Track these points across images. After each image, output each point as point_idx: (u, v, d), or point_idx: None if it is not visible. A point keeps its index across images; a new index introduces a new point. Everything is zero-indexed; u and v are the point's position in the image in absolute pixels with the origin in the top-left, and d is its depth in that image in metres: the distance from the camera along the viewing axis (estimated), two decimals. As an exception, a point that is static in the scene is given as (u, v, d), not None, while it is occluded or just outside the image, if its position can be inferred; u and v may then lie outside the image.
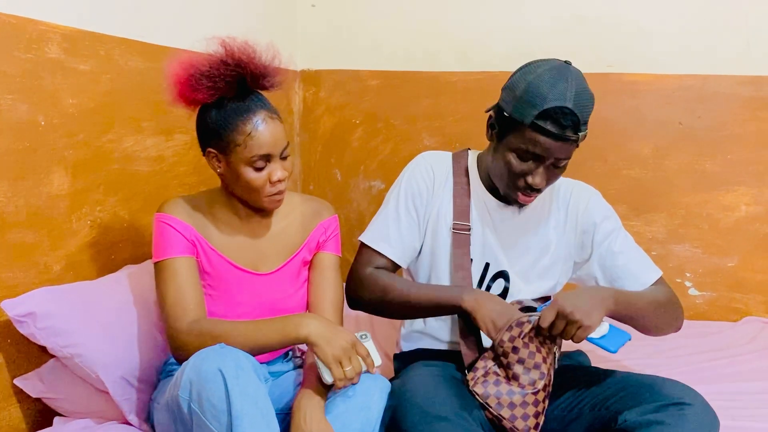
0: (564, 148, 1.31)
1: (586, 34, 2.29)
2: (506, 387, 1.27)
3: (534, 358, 1.28)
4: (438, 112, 2.47)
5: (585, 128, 1.31)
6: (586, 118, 1.31)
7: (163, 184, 1.87)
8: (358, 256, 1.49)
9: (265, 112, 1.28)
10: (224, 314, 1.36)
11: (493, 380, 1.28)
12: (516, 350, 1.27)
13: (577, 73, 1.32)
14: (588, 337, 1.25)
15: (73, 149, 1.56)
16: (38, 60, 1.45)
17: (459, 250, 1.44)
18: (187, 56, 1.29)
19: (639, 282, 1.46)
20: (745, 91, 2.19)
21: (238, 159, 1.27)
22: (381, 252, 1.46)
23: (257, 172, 1.28)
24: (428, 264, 1.50)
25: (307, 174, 2.70)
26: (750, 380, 1.72)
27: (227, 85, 1.26)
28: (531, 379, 1.27)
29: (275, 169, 1.29)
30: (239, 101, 1.27)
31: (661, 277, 1.49)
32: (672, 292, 1.48)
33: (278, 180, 1.30)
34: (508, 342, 1.28)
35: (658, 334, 1.49)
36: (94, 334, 1.36)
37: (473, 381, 1.29)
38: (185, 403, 1.12)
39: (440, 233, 1.47)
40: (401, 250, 1.47)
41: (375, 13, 2.53)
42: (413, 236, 1.48)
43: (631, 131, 2.30)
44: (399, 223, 1.47)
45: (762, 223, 2.22)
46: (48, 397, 1.43)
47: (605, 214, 1.50)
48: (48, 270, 1.50)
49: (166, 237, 1.31)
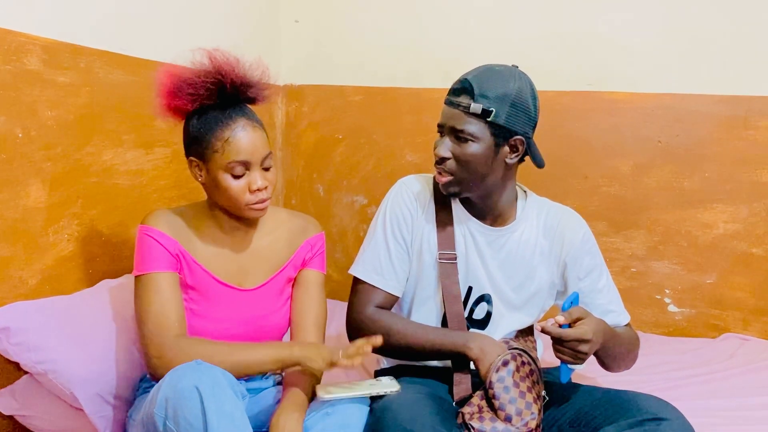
0: (456, 116, 1.35)
1: (566, 52, 2.32)
2: (501, 425, 1.26)
3: (525, 398, 1.28)
4: (420, 128, 2.49)
5: (484, 101, 1.33)
6: (483, 92, 1.33)
7: (143, 198, 1.86)
8: (354, 294, 1.48)
9: (245, 119, 1.28)
10: (206, 330, 1.34)
11: (489, 416, 1.28)
12: (507, 390, 1.27)
13: (505, 67, 1.38)
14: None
15: (51, 162, 1.54)
16: (17, 71, 1.44)
17: (448, 280, 1.44)
18: (173, 67, 1.30)
19: (614, 323, 1.47)
20: (721, 110, 2.23)
21: (216, 165, 1.27)
22: (376, 285, 1.45)
23: (236, 180, 1.28)
24: (411, 290, 1.49)
25: (289, 189, 2.70)
26: (728, 396, 1.72)
27: (207, 92, 1.26)
28: (523, 420, 1.26)
29: (255, 178, 1.28)
30: (220, 110, 1.28)
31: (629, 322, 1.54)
32: (638, 337, 1.53)
33: (257, 189, 1.29)
34: (497, 383, 1.28)
35: (613, 372, 1.52)
36: (69, 350, 1.34)
37: (469, 414, 1.28)
38: (161, 421, 1.10)
39: (425, 261, 1.46)
40: (395, 280, 1.46)
41: (358, 29, 2.55)
42: (404, 264, 1.47)
43: (611, 149, 2.33)
44: (389, 252, 1.46)
45: (740, 240, 2.25)
46: (21, 414, 1.41)
47: (589, 248, 1.50)
48: (23, 284, 1.48)
49: (149, 250, 1.30)
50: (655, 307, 2.33)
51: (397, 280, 1.47)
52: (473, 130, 1.34)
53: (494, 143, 1.36)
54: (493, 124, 1.33)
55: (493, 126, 1.34)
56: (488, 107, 1.32)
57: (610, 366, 1.47)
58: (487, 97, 1.32)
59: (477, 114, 1.33)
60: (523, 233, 1.48)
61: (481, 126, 1.34)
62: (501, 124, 1.33)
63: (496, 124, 1.33)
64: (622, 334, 1.46)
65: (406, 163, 2.51)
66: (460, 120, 1.34)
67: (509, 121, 1.34)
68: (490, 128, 1.34)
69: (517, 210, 1.49)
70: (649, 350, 1.91)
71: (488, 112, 1.32)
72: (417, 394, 1.29)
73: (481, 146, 1.35)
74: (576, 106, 2.34)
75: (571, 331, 1.24)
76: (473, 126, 1.34)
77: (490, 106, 1.32)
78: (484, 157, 1.36)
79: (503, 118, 1.33)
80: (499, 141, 1.36)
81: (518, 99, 1.34)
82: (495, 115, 1.32)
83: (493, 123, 1.33)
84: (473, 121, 1.34)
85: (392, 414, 1.21)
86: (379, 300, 1.45)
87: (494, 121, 1.33)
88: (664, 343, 2.18)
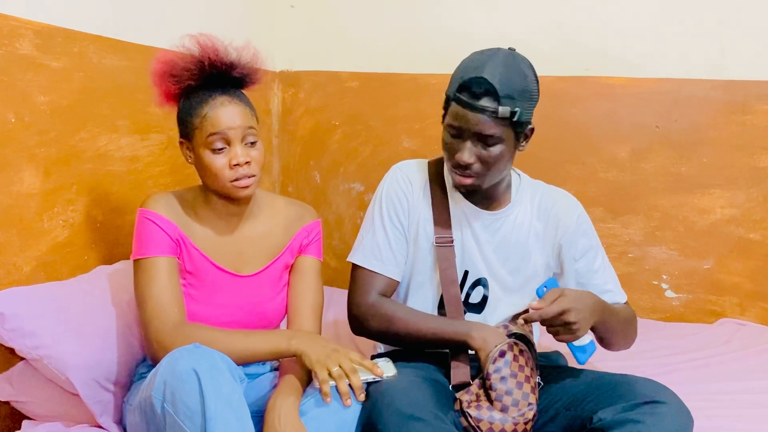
0: (482, 121, 1.28)
1: (563, 37, 2.31)
2: (498, 414, 1.26)
3: (522, 388, 1.28)
4: (417, 114, 2.47)
5: (510, 103, 1.27)
6: (508, 92, 1.27)
7: (138, 185, 1.84)
8: (355, 281, 1.46)
9: (225, 96, 1.29)
10: (204, 315, 1.34)
11: (486, 405, 1.28)
12: (504, 380, 1.27)
13: (508, 54, 1.31)
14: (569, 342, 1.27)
15: (44, 147, 1.53)
16: (9, 56, 1.43)
17: (445, 264, 1.43)
18: (163, 53, 1.31)
19: (611, 302, 1.46)
20: (719, 95, 2.22)
21: (198, 143, 1.28)
22: (377, 271, 1.44)
23: (215, 155, 1.28)
24: (408, 275, 1.49)
25: (286, 176, 2.69)
26: (725, 381, 1.73)
27: (188, 73, 1.27)
28: (520, 411, 1.26)
29: (235, 153, 1.27)
30: (205, 90, 1.29)
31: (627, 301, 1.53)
32: (635, 315, 1.53)
33: (238, 164, 1.27)
34: (494, 374, 1.28)
35: (614, 350, 1.52)
36: (64, 336, 1.34)
37: (467, 402, 1.28)
38: (158, 404, 1.09)
39: (421, 245, 1.46)
40: (395, 264, 1.46)
41: (354, 14, 2.53)
42: (402, 248, 1.47)
43: (608, 134, 2.32)
44: (387, 237, 1.45)
45: (737, 225, 2.25)
46: (17, 400, 1.41)
47: (585, 229, 1.49)
48: (18, 270, 1.47)
49: (149, 234, 1.29)
50: (652, 292, 2.33)
51: (396, 264, 1.46)
52: (500, 133, 1.30)
53: (515, 138, 1.34)
54: (516, 122, 1.30)
55: (515, 123, 1.30)
56: (514, 108, 1.28)
57: (610, 342, 1.46)
58: (512, 98, 1.27)
59: (505, 117, 1.29)
60: (518, 216, 1.47)
61: (505, 126, 1.30)
62: (523, 120, 1.31)
63: (518, 122, 1.30)
64: (618, 308, 1.45)
65: (403, 150, 2.50)
66: (487, 125, 1.28)
67: (527, 115, 1.32)
68: (512, 126, 1.31)
69: (511, 193, 1.48)
70: (646, 335, 1.91)
71: (515, 113, 1.28)
72: (414, 378, 1.29)
73: (506, 145, 1.32)
74: (573, 91, 2.32)
75: (549, 309, 1.24)
76: (499, 128, 1.29)
77: (515, 106, 1.28)
78: (508, 154, 1.34)
79: (524, 115, 1.31)
80: (519, 135, 1.34)
81: (533, 90, 1.32)
82: (519, 114, 1.29)
83: (516, 121, 1.30)
84: (498, 123, 1.29)
85: (389, 398, 1.21)
86: (380, 286, 1.44)
87: (518, 120, 1.30)
88: (661, 328, 2.18)
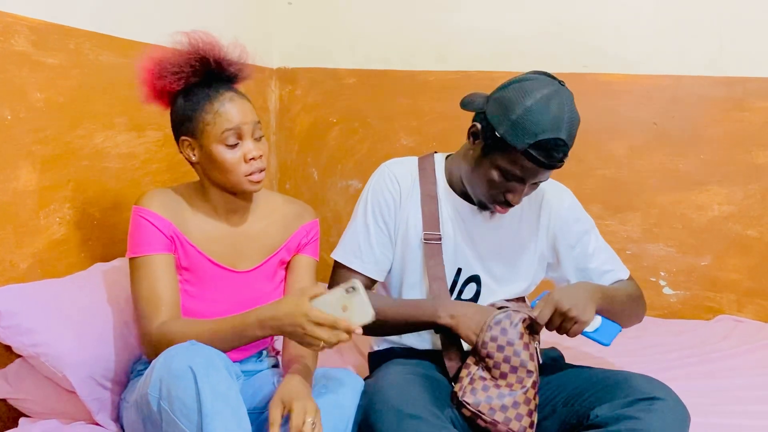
0: (548, 173, 1.33)
1: (561, 34, 2.31)
2: (495, 391, 1.26)
3: (520, 356, 1.27)
4: (415, 111, 2.47)
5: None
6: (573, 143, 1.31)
7: (135, 182, 1.84)
8: (332, 277, 1.48)
9: (231, 92, 1.30)
10: (201, 311, 1.34)
11: (481, 386, 1.28)
12: (501, 348, 1.27)
13: (569, 97, 1.30)
14: (583, 332, 1.26)
15: (40, 144, 1.52)
16: (4, 53, 1.42)
17: (432, 261, 1.43)
18: (155, 50, 1.30)
19: (614, 280, 1.48)
20: (717, 92, 2.22)
21: (210, 139, 1.27)
22: (354, 269, 1.45)
23: (230, 150, 1.28)
24: (399, 275, 1.48)
25: (283, 173, 2.68)
26: (722, 377, 1.73)
27: (192, 69, 1.27)
28: (519, 378, 1.27)
29: (249, 147, 1.29)
30: (206, 87, 1.29)
31: (630, 275, 1.52)
32: (639, 288, 1.52)
33: (253, 158, 1.29)
34: (491, 342, 1.27)
35: (627, 327, 1.49)
36: (61, 333, 1.33)
37: (461, 391, 1.28)
38: (155, 401, 1.09)
39: (411, 244, 1.46)
40: (374, 263, 1.46)
41: (352, 11, 2.52)
42: (385, 248, 1.46)
43: (606, 131, 2.32)
44: (369, 236, 1.45)
45: (734, 222, 2.25)
46: (14, 397, 1.40)
47: (577, 215, 1.50)
48: (14, 268, 1.47)
49: (143, 232, 1.29)
50: (650, 289, 2.32)
51: (376, 263, 1.46)
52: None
53: None
54: None
55: None
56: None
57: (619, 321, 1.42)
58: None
59: None
60: (510, 210, 1.46)
61: None
62: None
63: None
64: (618, 288, 1.45)
65: (401, 147, 2.49)
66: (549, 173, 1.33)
67: None
68: None
69: None
70: (643, 332, 1.92)
71: None
72: (409, 375, 1.30)
73: None
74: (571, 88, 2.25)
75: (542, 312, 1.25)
76: None
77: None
78: None
79: None
80: None
81: None
82: None
83: None
84: None
85: (384, 396, 1.22)
86: None
87: None
88: (659, 325, 2.18)
